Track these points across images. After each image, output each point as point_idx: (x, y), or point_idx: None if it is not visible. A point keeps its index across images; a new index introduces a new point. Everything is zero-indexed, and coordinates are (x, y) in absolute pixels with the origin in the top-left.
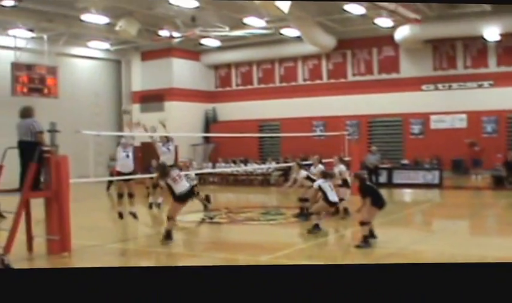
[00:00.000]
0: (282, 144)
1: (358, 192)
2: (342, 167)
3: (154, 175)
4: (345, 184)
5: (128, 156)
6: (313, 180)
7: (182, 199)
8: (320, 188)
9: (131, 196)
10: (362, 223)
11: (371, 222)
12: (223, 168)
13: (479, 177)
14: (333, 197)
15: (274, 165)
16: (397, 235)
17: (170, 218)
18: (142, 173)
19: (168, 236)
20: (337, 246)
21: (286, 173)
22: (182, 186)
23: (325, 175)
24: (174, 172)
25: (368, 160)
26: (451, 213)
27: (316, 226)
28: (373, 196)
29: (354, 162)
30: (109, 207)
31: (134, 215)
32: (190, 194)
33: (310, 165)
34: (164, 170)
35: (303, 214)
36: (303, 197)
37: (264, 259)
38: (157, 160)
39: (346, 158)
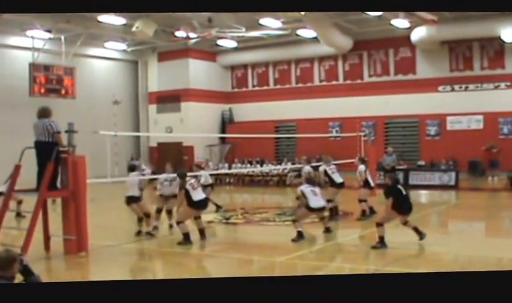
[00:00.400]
0: (298, 145)
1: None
2: (362, 167)
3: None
4: (366, 184)
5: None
6: (329, 177)
7: (197, 206)
8: (302, 193)
9: (147, 216)
10: (377, 224)
11: (409, 222)
12: (239, 168)
13: (495, 179)
14: (315, 202)
15: (289, 165)
16: (413, 236)
17: (180, 222)
18: (158, 172)
19: (187, 239)
20: (354, 247)
21: (300, 174)
22: (200, 194)
23: (309, 180)
24: (191, 180)
25: (385, 161)
26: (467, 215)
27: (300, 234)
28: (395, 199)
29: (370, 163)
30: (126, 208)
31: (150, 234)
32: (205, 204)
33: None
34: (183, 176)
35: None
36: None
37: (279, 260)
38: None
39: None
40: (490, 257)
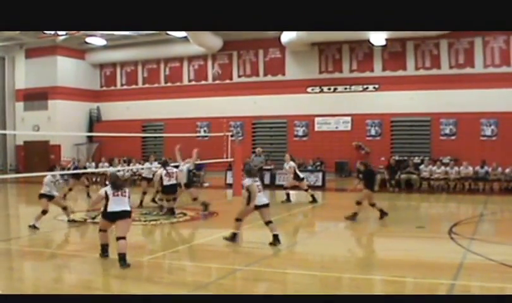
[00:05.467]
0: (166, 144)
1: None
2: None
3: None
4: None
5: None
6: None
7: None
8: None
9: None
10: (372, 205)
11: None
12: (106, 168)
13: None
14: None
15: (156, 164)
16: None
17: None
18: (25, 172)
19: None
20: (219, 247)
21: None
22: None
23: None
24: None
25: (253, 162)
26: (333, 215)
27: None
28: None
29: (237, 163)
30: None
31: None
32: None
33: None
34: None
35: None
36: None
37: (145, 260)
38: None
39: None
40: (355, 256)
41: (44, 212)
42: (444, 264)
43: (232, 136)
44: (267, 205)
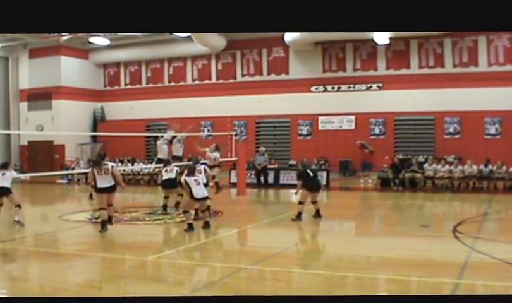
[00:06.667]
0: (169, 144)
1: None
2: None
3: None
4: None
5: None
6: None
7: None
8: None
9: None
10: (299, 203)
11: (317, 203)
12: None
13: (366, 178)
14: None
15: (161, 165)
16: (282, 235)
17: None
18: (29, 172)
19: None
20: (223, 246)
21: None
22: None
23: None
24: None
25: (257, 161)
26: (338, 214)
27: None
28: (304, 181)
29: (241, 162)
30: None
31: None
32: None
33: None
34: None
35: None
36: None
37: (149, 259)
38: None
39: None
40: (359, 255)
41: (19, 206)
42: (449, 263)
43: (235, 135)
44: (204, 198)
